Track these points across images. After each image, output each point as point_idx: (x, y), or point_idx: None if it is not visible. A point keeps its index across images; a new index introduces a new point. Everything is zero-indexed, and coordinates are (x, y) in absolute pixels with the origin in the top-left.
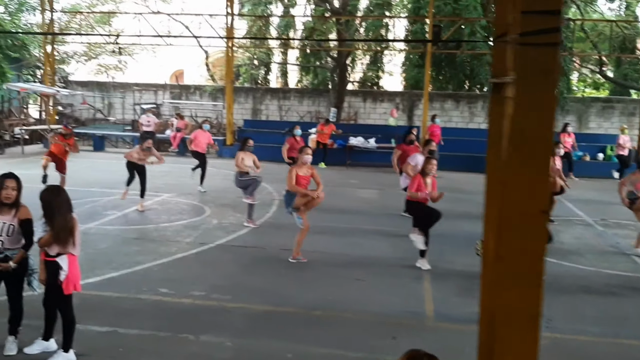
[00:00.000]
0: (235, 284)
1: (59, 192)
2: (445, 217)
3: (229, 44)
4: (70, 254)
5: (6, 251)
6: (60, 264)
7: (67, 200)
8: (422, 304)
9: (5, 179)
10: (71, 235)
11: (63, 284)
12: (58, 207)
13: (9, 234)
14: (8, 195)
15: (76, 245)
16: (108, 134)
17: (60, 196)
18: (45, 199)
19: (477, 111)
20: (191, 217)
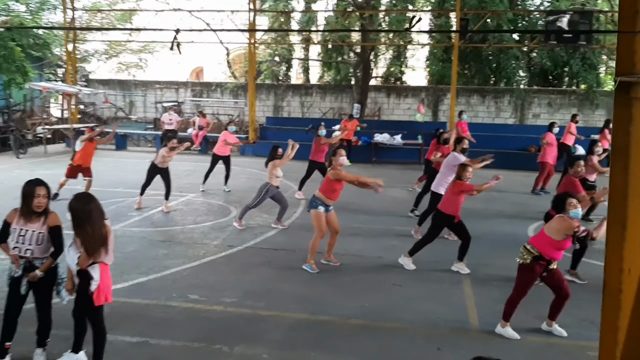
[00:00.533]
0: (268, 290)
1: (89, 200)
2: (480, 217)
3: (250, 40)
4: (102, 263)
5: (35, 260)
6: (92, 274)
7: (99, 208)
8: (465, 311)
9: (36, 186)
10: (103, 244)
11: (94, 295)
12: (88, 216)
13: (39, 242)
14: (40, 204)
15: (109, 254)
16: (130, 133)
17: (91, 204)
18: (75, 208)
19: (504, 106)
20: (217, 218)
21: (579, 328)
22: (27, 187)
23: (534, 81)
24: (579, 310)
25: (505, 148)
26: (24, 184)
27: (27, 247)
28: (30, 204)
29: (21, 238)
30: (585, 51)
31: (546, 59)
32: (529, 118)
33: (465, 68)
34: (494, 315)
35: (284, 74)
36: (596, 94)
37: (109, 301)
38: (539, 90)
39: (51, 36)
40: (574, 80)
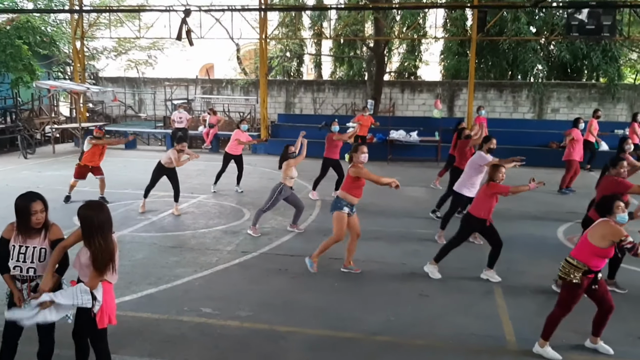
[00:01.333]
0: (285, 302)
1: (101, 209)
2: (504, 219)
3: (261, 35)
4: (105, 282)
5: (38, 279)
6: (94, 294)
7: (109, 219)
8: (500, 325)
9: (31, 202)
10: (112, 260)
11: (97, 317)
12: (100, 226)
13: (41, 259)
14: (38, 221)
15: (115, 272)
16: (140, 131)
17: (103, 214)
18: (86, 217)
19: (522, 101)
20: (230, 221)
21: (625, 344)
22: (21, 203)
23: (552, 75)
24: (622, 323)
25: (524, 144)
26: (16, 199)
27: (29, 266)
28: (27, 222)
29: (22, 256)
30: (607, 43)
31: (565, 51)
32: (547, 113)
33: (481, 62)
34: (531, 330)
35: (295, 69)
36: (617, 87)
37: (113, 323)
38: (558, 84)
39: (59, 33)
40: (594, 73)
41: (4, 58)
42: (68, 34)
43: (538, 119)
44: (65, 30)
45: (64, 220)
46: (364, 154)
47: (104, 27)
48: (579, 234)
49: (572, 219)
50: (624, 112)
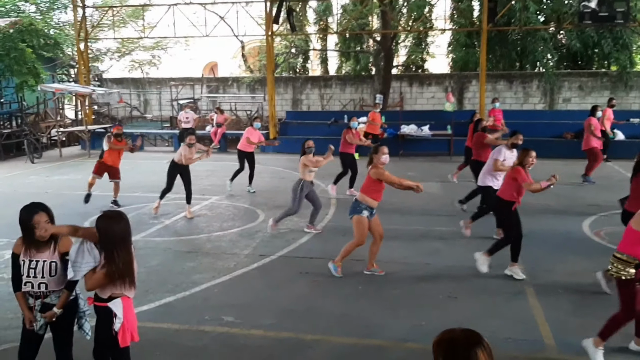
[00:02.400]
0: (308, 309)
1: (121, 219)
2: (526, 213)
3: (267, 32)
4: (125, 297)
5: (52, 294)
6: (114, 310)
7: (129, 230)
8: (536, 327)
9: (34, 214)
10: (129, 274)
11: (119, 335)
12: (120, 238)
13: (52, 273)
14: (43, 235)
15: (134, 286)
16: (146, 132)
17: (122, 224)
18: (105, 228)
19: (532, 91)
20: (244, 223)
21: None
22: (23, 215)
23: (562, 64)
24: None
25: (536, 135)
26: (20, 211)
27: (40, 281)
28: (32, 235)
29: (32, 271)
30: (618, 31)
31: (575, 40)
32: (559, 103)
33: (490, 53)
34: (569, 332)
35: (301, 66)
36: (630, 75)
37: (136, 340)
38: (569, 74)
39: (62, 36)
40: (606, 61)
41: (8, 62)
42: (72, 36)
43: (550, 109)
44: (69, 32)
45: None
46: (384, 155)
47: (107, 28)
48: (606, 228)
49: (596, 212)
50: (637, 100)
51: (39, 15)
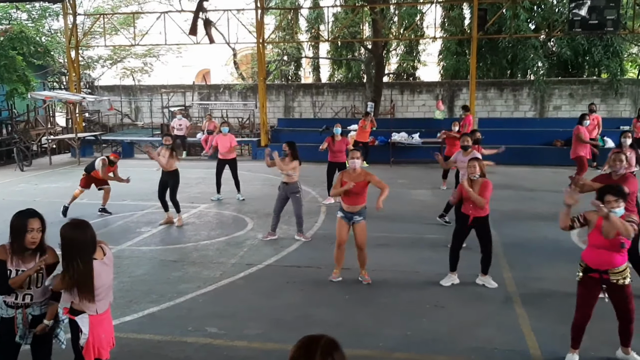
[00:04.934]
0: (296, 318)
1: (86, 229)
2: (518, 220)
3: (258, 39)
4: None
5: (34, 305)
6: (80, 326)
7: (94, 240)
8: (522, 337)
9: (29, 218)
10: (89, 285)
11: (84, 351)
12: (81, 248)
13: (38, 284)
14: (34, 240)
15: (94, 301)
16: (137, 140)
17: (86, 235)
18: (68, 237)
19: (523, 99)
20: (233, 231)
21: None
22: (17, 219)
23: (553, 72)
24: None
25: (527, 143)
26: (13, 216)
27: (26, 292)
28: (22, 240)
29: None
30: (609, 38)
31: (566, 48)
32: (549, 110)
33: (480, 60)
34: (556, 342)
35: (293, 73)
36: (620, 82)
37: (103, 357)
38: (560, 81)
39: (53, 43)
40: (596, 69)
41: None
42: (62, 44)
43: (540, 117)
44: (60, 39)
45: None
46: (352, 159)
47: (99, 35)
48: None
49: None
50: (628, 108)
51: (30, 22)
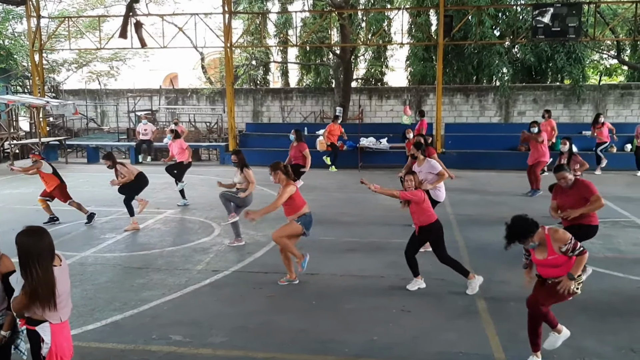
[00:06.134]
0: (261, 325)
1: (42, 236)
2: (483, 224)
3: (226, 43)
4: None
5: None
6: (42, 335)
7: (51, 247)
8: (487, 341)
9: None
10: (51, 294)
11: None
12: (38, 255)
13: None
14: None
15: (56, 309)
16: (102, 145)
17: (42, 241)
18: (23, 244)
19: (488, 104)
20: (199, 237)
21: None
22: None
23: (517, 78)
24: (613, 335)
25: (492, 148)
26: None
27: None
28: None
29: None
30: (571, 45)
31: (530, 54)
32: (514, 116)
33: (447, 66)
34: (519, 344)
35: (261, 78)
36: (582, 88)
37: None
38: (524, 87)
39: (16, 46)
40: (559, 75)
41: None
42: (26, 47)
43: (505, 122)
44: (23, 42)
45: None
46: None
47: (64, 39)
48: None
49: (547, 223)
50: (590, 113)
51: None
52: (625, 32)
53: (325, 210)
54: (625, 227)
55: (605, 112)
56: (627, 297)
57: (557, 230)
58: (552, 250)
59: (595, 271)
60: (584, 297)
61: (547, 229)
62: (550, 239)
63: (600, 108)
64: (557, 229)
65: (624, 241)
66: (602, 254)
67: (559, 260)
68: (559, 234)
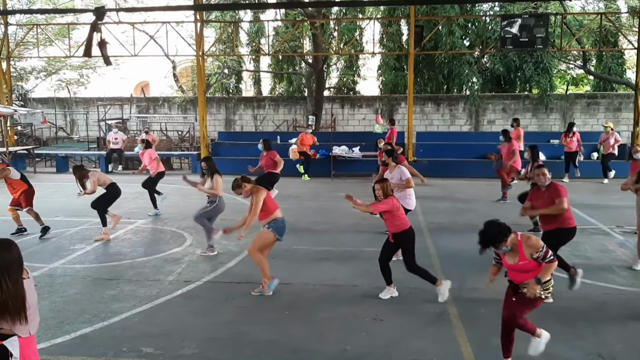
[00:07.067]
0: (233, 335)
1: (9, 248)
2: (453, 232)
3: (198, 52)
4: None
5: None
6: (10, 350)
7: (20, 259)
8: (458, 347)
9: None
10: (22, 309)
11: None
12: (8, 268)
13: None
14: None
15: (27, 322)
16: (72, 154)
17: (11, 253)
18: None
19: (459, 113)
20: (171, 247)
21: None
22: None
23: (487, 87)
24: (581, 341)
25: (463, 156)
26: None
27: None
28: None
29: None
30: (539, 55)
31: (499, 64)
32: (484, 124)
33: (418, 76)
34: (490, 351)
35: (234, 86)
36: (550, 98)
37: None
38: (493, 96)
39: None
40: (527, 84)
41: None
42: None
43: (475, 131)
44: None
45: None
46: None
47: (32, 46)
48: None
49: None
50: (557, 122)
51: None
52: (590, 42)
53: (298, 218)
54: (592, 234)
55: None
56: (595, 303)
57: (530, 237)
58: (523, 256)
59: (564, 278)
60: (553, 303)
61: (520, 234)
62: (522, 245)
63: (568, 117)
64: (530, 235)
65: (591, 248)
66: (570, 260)
67: (529, 266)
68: (532, 241)
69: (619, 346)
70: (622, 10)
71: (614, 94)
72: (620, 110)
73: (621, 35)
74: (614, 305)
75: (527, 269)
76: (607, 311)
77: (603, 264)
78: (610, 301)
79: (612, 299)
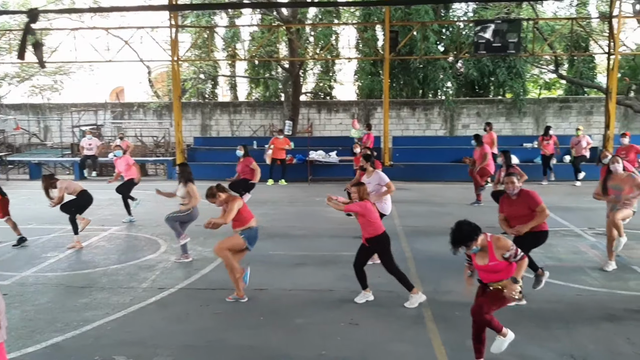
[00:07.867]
0: (209, 343)
1: None
2: (429, 235)
3: (173, 57)
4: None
5: None
6: None
7: None
8: (432, 351)
9: None
10: None
11: None
12: None
13: None
14: None
15: (2, 328)
16: (45, 160)
17: None
18: None
19: (434, 118)
20: (145, 254)
21: None
22: None
23: (461, 92)
24: (555, 342)
25: (438, 160)
26: None
27: None
28: None
29: None
30: (512, 60)
31: (472, 69)
32: (458, 129)
33: (393, 81)
34: (464, 353)
35: (210, 91)
36: (523, 102)
37: None
38: (467, 101)
39: None
40: (501, 89)
41: None
42: None
43: (450, 135)
44: None
45: None
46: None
47: (4, 52)
48: None
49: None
50: (530, 126)
51: None
52: (562, 47)
53: (275, 224)
54: (565, 236)
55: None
56: (568, 304)
57: (500, 237)
58: (493, 256)
59: (530, 278)
60: (528, 304)
61: (489, 235)
62: (492, 246)
63: (541, 121)
64: (500, 236)
65: (564, 250)
66: (542, 262)
67: (499, 267)
68: (502, 242)
69: (591, 347)
70: (593, 15)
71: (585, 98)
72: (591, 114)
73: (592, 40)
74: (587, 306)
75: (497, 269)
76: (580, 312)
77: (575, 265)
78: (583, 302)
79: (585, 300)
